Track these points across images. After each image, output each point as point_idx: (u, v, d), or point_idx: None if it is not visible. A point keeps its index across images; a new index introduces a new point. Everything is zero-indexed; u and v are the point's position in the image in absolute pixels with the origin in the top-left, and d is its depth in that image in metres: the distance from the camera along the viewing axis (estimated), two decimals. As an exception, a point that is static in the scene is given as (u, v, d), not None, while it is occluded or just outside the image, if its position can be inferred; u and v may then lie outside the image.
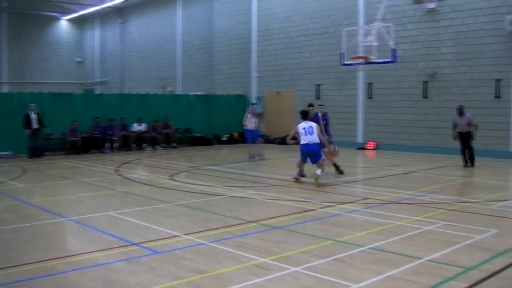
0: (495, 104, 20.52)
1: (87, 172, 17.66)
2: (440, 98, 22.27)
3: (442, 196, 12.38)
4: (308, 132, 14.33)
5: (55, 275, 6.85)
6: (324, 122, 16.35)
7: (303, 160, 14.78)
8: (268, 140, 28.84)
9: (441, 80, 22.26)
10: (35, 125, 21.58)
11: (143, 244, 8.22)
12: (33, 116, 21.61)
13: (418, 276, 6.67)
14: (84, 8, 43.58)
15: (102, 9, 42.42)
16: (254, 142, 21.46)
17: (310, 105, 16.44)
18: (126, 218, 10.30)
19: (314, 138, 14.32)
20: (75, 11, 44.96)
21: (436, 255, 7.54)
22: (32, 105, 21.85)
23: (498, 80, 20.49)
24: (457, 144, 18.43)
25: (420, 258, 7.37)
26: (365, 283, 6.41)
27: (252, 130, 21.29)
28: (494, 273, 6.75)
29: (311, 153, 14.41)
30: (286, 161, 20.63)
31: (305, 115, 14.97)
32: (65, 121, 23.20)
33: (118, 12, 42.91)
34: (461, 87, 21.57)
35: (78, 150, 23.10)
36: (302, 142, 14.44)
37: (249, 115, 21.40)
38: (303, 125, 14.55)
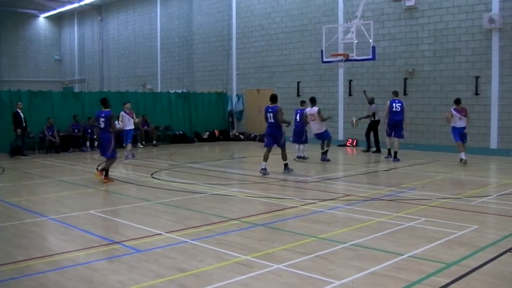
0: (475, 101, 20.69)
1: (67, 171, 17.53)
2: (419, 95, 22.42)
3: (423, 193, 12.46)
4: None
5: (35, 274, 6.78)
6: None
7: None
8: (249, 138, 28.89)
9: (420, 77, 22.40)
10: (23, 124, 21.44)
11: (125, 243, 8.17)
12: (22, 115, 21.45)
13: (400, 272, 6.70)
14: (62, 5, 43.23)
15: (81, 6, 42.09)
16: (131, 141, 20.88)
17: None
18: (107, 216, 10.24)
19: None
20: (53, 8, 44.56)
21: (418, 251, 7.58)
22: (20, 103, 21.69)
23: (477, 77, 20.66)
24: (435, 141, 18.62)
25: (402, 254, 7.41)
26: (347, 279, 6.43)
27: (128, 130, 20.40)
28: (475, 268, 6.79)
29: None
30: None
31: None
32: (44, 120, 23.00)
33: (96, 9, 42.61)
34: (440, 84, 21.73)
35: (57, 148, 22.90)
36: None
37: (124, 114, 20.35)
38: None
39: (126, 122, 20.20)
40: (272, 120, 15.69)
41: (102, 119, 14.39)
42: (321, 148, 19.05)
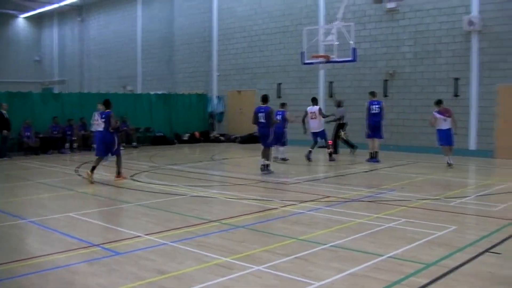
0: (454, 102, 20.83)
1: (46, 173, 17.39)
2: (400, 97, 22.54)
3: (403, 194, 12.53)
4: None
5: (15, 278, 6.71)
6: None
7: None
8: (229, 139, 28.86)
9: (401, 79, 22.53)
10: (9, 125, 21.34)
11: (104, 245, 8.12)
12: (7, 115, 21.29)
13: (379, 272, 6.73)
14: (42, 6, 42.89)
15: (61, 6, 41.77)
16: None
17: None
18: (87, 219, 10.17)
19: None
20: (33, 9, 44.18)
21: (397, 251, 7.62)
22: (5, 104, 21.52)
23: (457, 79, 20.82)
24: (416, 142, 18.77)
25: (382, 255, 7.43)
26: (327, 280, 6.44)
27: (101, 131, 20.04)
28: (454, 268, 6.84)
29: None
30: (247, 160, 20.64)
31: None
32: (23, 121, 22.77)
33: (77, 10, 42.32)
34: (421, 85, 21.87)
35: (36, 150, 22.69)
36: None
37: (96, 115, 20.14)
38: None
39: (99, 122, 19.73)
40: (264, 120, 16.12)
41: (103, 119, 14.96)
42: (310, 147, 19.27)
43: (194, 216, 10.26)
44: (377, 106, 19.04)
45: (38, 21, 47.44)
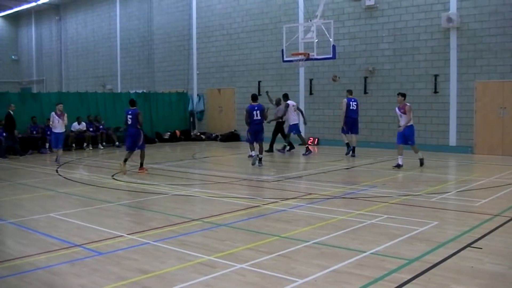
0: (434, 99, 21.00)
1: (25, 173, 17.22)
2: (380, 94, 22.64)
3: (384, 190, 12.59)
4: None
5: (-6, 279, 6.65)
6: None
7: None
8: (210, 138, 28.81)
9: (380, 76, 22.63)
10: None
11: (86, 246, 8.06)
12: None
13: (362, 269, 6.75)
14: (19, 5, 42.35)
15: (38, 5, 41.30)
16: (61, 146, 19.94)
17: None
18: (68, 219, 10.08)
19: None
20: (10, 8, 43.59)
21: (380, 248, 7.65)
22: (12, 105, 21.44)
23: (436, 76, 20.95)
24: (395, 139, 18.78)
25: (364, 252, 7.46)
26: (310, 277, 6.45)
27: (58, 132, 19.58)
28: (436, 264, 6.88)
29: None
30: (228, 158, 20.62)
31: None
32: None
33: (54, 8, 41.95)
34: (400, 82, 21.96)
35: (15, 150, 22.40)
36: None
37: (54, 115, 19.68)
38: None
39: (56, 124, 19.50)
40: (259, 117, 17.42)
41: (130, 116, 16.28)
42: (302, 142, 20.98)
43: (176, 215, 10.23)
44: (355, 103, 19.73)
45: (15, 19, 46.93)
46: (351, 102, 19.54)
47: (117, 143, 25.94)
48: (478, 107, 20.13)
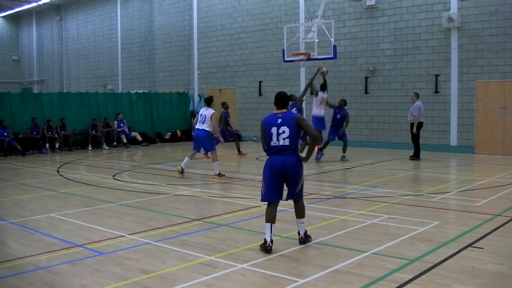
0: (435, 99, 21.00)
1: (27, 174, 17.22)
2: (380, 94, 22.64)
3: (385, 190, 12.58)
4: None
5: (-5, 280, 6.66)
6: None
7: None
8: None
9: (381, 76, 22.63)
10: None
11: (87, 246, 8.06)
12: None
13: (363, 269, 6.75)
14: (20, 5, 42.41)
15: (39, 5, 41.38)
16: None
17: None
18: (69, 219, 10.08)
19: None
20: (11, 8, 43.66)
21: (381, 248, 7.65)
22: None
23: (436, 76, 20.95)
24: (396, 139, 18.85)
25: (365, 252, 7.46)
26: (311, 277, 6.45)
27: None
28: (437, 264, 6.88)
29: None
30: (229, 158, 20.60)
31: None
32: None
33: (55, 9, 41.96)
34: (401, 82, 21.97)
35: (16, 151, 22.42)
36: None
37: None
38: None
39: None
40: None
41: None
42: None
43: (177, 215, 10.24)
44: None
45: (16, 20, 46.93)
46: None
47: (115, 143, 25.94)
48: (479, 107, 20.13)
